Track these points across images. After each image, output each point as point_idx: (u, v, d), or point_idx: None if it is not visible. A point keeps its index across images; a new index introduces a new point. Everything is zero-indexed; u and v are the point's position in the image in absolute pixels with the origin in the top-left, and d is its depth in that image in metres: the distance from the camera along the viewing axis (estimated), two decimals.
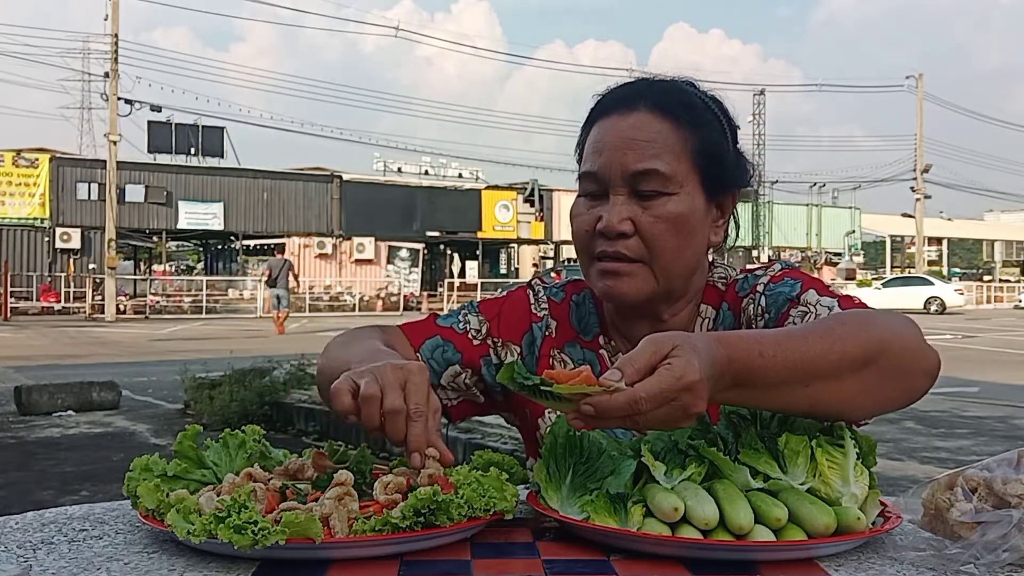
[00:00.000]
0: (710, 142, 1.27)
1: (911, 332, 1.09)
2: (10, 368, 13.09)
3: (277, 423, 8.36)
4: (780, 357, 0.98)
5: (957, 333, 21.47)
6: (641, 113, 1.25)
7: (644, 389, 0.88)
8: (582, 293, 1.41)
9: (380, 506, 0.94)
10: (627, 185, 1.23)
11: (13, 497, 5.81)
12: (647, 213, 1.23)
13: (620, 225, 1.22)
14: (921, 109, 43.73)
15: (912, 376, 1.08)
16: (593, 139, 1.28)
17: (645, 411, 0.88)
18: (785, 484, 0.98)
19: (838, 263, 46.55)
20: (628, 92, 1.29)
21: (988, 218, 62.95)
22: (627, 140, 1.23)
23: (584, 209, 1.28)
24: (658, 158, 1.22)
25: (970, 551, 0.90)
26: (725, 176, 1.29)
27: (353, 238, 34.98)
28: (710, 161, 1.26)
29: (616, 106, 1.28)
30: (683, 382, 0.89)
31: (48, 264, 30.14)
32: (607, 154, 1.24)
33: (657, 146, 1.23)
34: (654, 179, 1.22)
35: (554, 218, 39.88)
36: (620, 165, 1.23)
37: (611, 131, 1.26)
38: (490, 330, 1.38)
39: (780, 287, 1.26)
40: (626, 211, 1.23)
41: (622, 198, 1.23)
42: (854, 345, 1.02)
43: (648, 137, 1.23)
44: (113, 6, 27.21)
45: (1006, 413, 9.17)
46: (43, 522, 1.06)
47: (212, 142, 34.28)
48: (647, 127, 1.24)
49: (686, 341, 0.92)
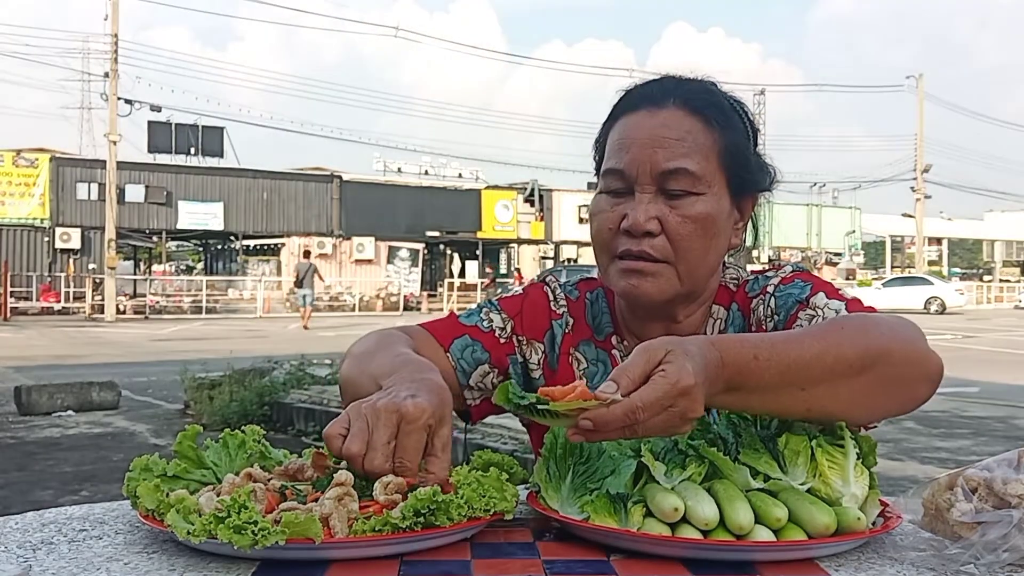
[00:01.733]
0: (736, 143, 1.26)
1: (913, 337, 1.08)
2: (10, 368, 13.09)
3: (277, 423, 8.36)
4: (775, 360, 0.98)
5: (957, 333, 21.46)
6: (671, 110, 1.23)
7: (640, 398, 0.88)
8: (595, 292, 1.40)
9: (380, 506, 0.94)
10: (655, 183, 1.21)
11: (13, 497, 5.81)
12: (675, 213, 1.21)
13: (647, 224, 1.20)
14: (921, 109, 43.76)
15: (913, 382, 1.07)
16: (619, 135, 1.25)
17: (643, 420, 0.89)
18: (785, 484, 0.98)
19: (838, 263, 46.54)
20: (656, 89, 1.27)
21: (988, 218, 62.89)
22: (656, 137, 1.21)
23: (607, 206, 1.25)
24: (688, 157, 1.21)
25: (970, 551, 0.90)
26: (749, 178, 1.28)
27: (353, 238, 34.98)
28: (736, 162, 1.25)
29: (644, 102, 1.25)
30: (679, 387, 0.89)
31: (48, 264, 30.13)
32: (635, 151, 1.22)
33: (687, 145, 1.21)
34: (683, 178, 1.20)
35: (554, 218, 39.88)
36: (649, 162, 1.20)
37: (639, 128, 1.23)
38: (515, 328, 1.36)
39: (790, 288, 1.25)
40: (653, 210, 1.20)
41: (648, 196, 1.21)
42: (851, 350, 1.01)
43: (678, 135, 1.21)
44: (113, 6, 27.21)
45: (1006, 413, 9.17)
46: (43, 522, 1.06)
47: (212, 142, 34.27)
48: (677, 125, 1.22)
49: (679, 346, 0.92)
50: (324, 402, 8.29)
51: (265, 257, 37.32)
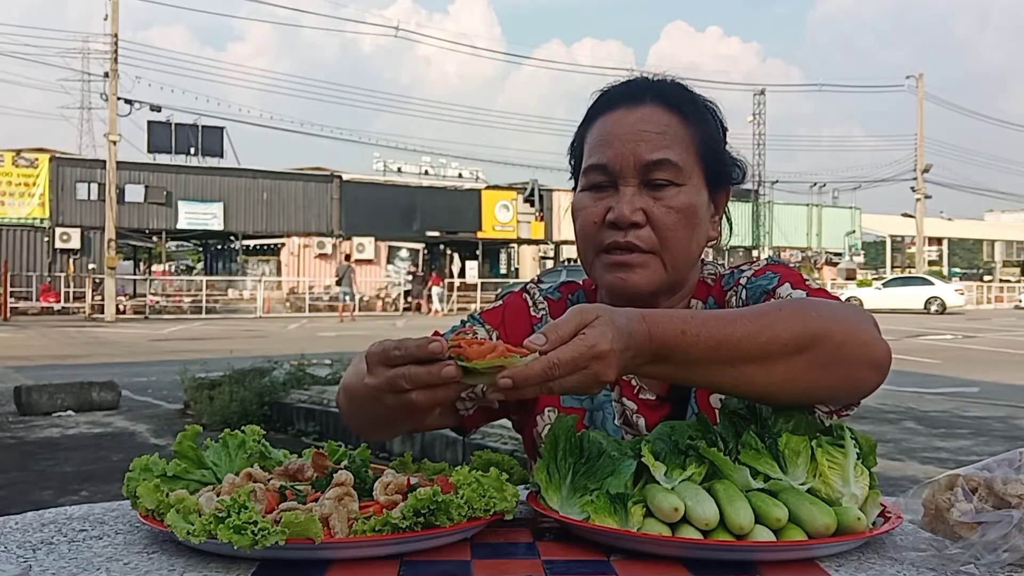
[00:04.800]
0: (712, 137, 1.29)
1: (857, 321, 1.09)
2: (10, 368, 13.09)
3: (277, 423, 8.36)
4: (704, 336, 1.01)
5: (957, 333, 21.46)
6: (649, 106, 1.27)
7: (558, 356, 0.92)
8: (576, 293, 1.43)
9: (380, 506, 0.94)
10: (638, 176, 1.24)
11: (13, 497, 5.81)
12: (659, 203, 1.24)
13: (633, 215, 1.23)
14: (921, 109, 43.73)
15: (855, 365, 1.08)
16: (599, 133, 1.28)
17: (558, 376, 0.92)
18: (785, 484, 0.98)
19: (838, 263, 46.55)
20: (632, 87, 1.31)
21: (988, 218, 62.96)
22: (638, 132, 1.25)
23: (590, 202, 1.28)
24: (670, 148, 1.24)
25: (970, 551, 0.90)
26: (724, 171, 1.32)
27: (353, 238, 34.98)
28: (712, 156, 1.29)
29: (621, 100, 1.29)
30: (594, 351, 0.93)
31: (48, 264, 30.13)
32: (617, 146, 1.25)
33: (668, 137, 1.25)
34: (667, 169, 1.24)
35: (554, 218, 39.86)
36: (632, 155, 1.24)
37: (620, 124, 1.26)
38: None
39: (760, 280, 1.29)
40: (638, 201, 1.24)
41: (632, 189, 1.24)
42: (786, 330, 1.04)
43: (659, 128, 1.25)
44: (113, 6, 27.20)
45: (1006, 413, 9.16)
46: (43, 522, 1.06)
47: (212, 142, 34.26)
48: (657, 119, 1.26)
49: (608, 313, 0.96)
50: (324, 402, 8.29)
51: (265, 257, 37.31)
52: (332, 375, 9.44)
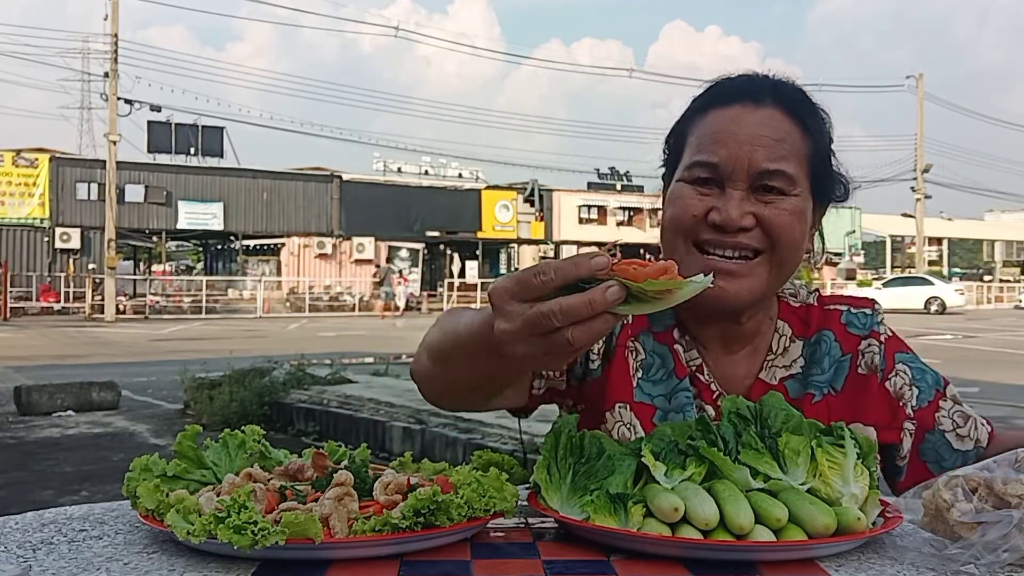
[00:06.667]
0: (824, 151, 1.25)
1: None
2: (10, 368, 13.09)
3: (277, 423, 8.37)
4: None
5: (957, 333, 21.47)
6: (770, 109, 1.21)
7: None
8: None
9: (380, 506, 0.94)
10: (748, 181, 1.19)
11: (13, 497, 5.81)
12: (769, 207, 1.19)
13: (742, 220, 1.18)
14: (921, 109, 43.72)
15: None
16: (712, 128, 1.22)
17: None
18: (785, 484, 0.98)
19: (838, 263, 46.53)
20: (754, 85, 1.24)
21: (988, 218, 62.94)
22: (756, 136, 1.19)
23: (692, 194, 1.21)
24: (787, 160, 1.19)
25: (970, 551, 0.90)
26: (829, 186, 1.28)
27: (353, 238, 34.98)
28: (822, 170, 1.25)
29: (739, 97, 1.22)
30: None
31: (48, 264, 30.14)
32: (733, 146, 1.19)
33: (787, 147, 1.20)
34: (780, 180, 1.19)
35: (554, 218, 39.87)
36: (748, 160, 1.18)
37: (737, 123, 1.20)
38: None
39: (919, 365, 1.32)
40: (748, 206, 1.18)
41: (741, 193, 1.18)
42: None
43: (779, 136, 1.19)
44: (113, 6, 27.21)
45: (1006, 413, 9.17)
46: (43, 522, 1.06)
47: (212, 142, 34.28)
48: (778, 126, 1.20)
49: None
50: (324, 402, 8.30)
51: (265, 257, 37.31)
52: (332, 375, 9.45)
